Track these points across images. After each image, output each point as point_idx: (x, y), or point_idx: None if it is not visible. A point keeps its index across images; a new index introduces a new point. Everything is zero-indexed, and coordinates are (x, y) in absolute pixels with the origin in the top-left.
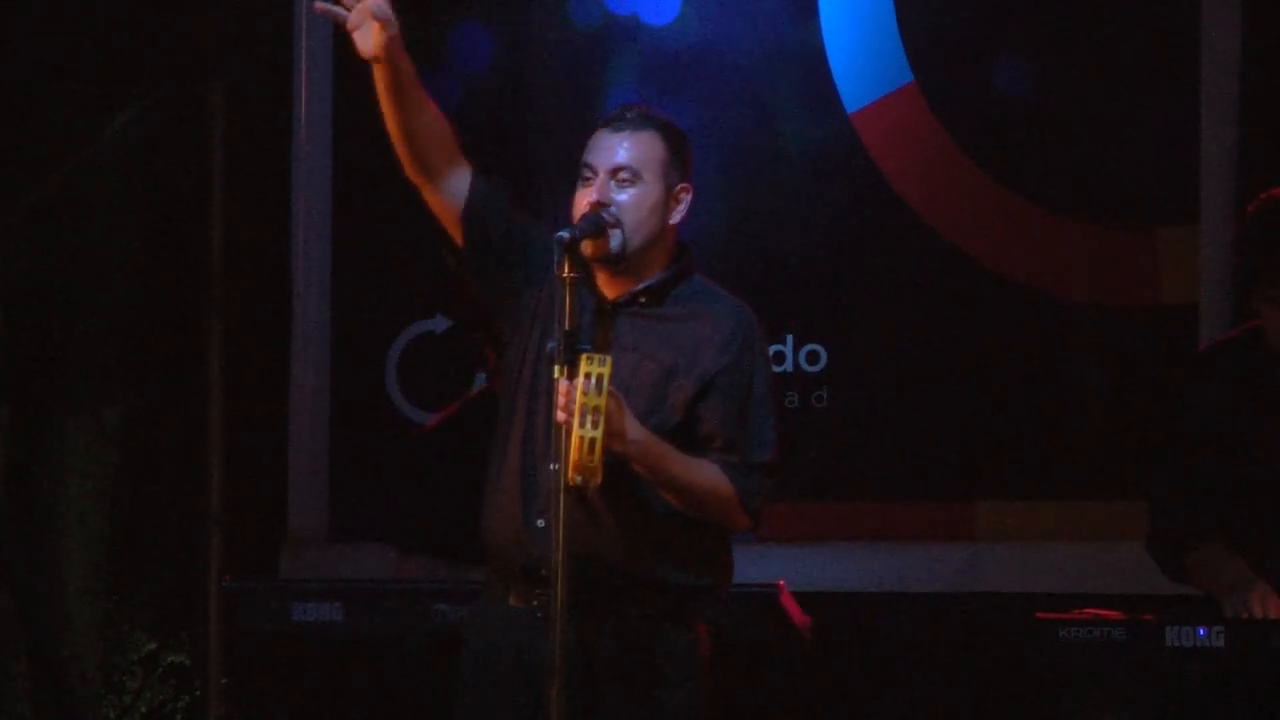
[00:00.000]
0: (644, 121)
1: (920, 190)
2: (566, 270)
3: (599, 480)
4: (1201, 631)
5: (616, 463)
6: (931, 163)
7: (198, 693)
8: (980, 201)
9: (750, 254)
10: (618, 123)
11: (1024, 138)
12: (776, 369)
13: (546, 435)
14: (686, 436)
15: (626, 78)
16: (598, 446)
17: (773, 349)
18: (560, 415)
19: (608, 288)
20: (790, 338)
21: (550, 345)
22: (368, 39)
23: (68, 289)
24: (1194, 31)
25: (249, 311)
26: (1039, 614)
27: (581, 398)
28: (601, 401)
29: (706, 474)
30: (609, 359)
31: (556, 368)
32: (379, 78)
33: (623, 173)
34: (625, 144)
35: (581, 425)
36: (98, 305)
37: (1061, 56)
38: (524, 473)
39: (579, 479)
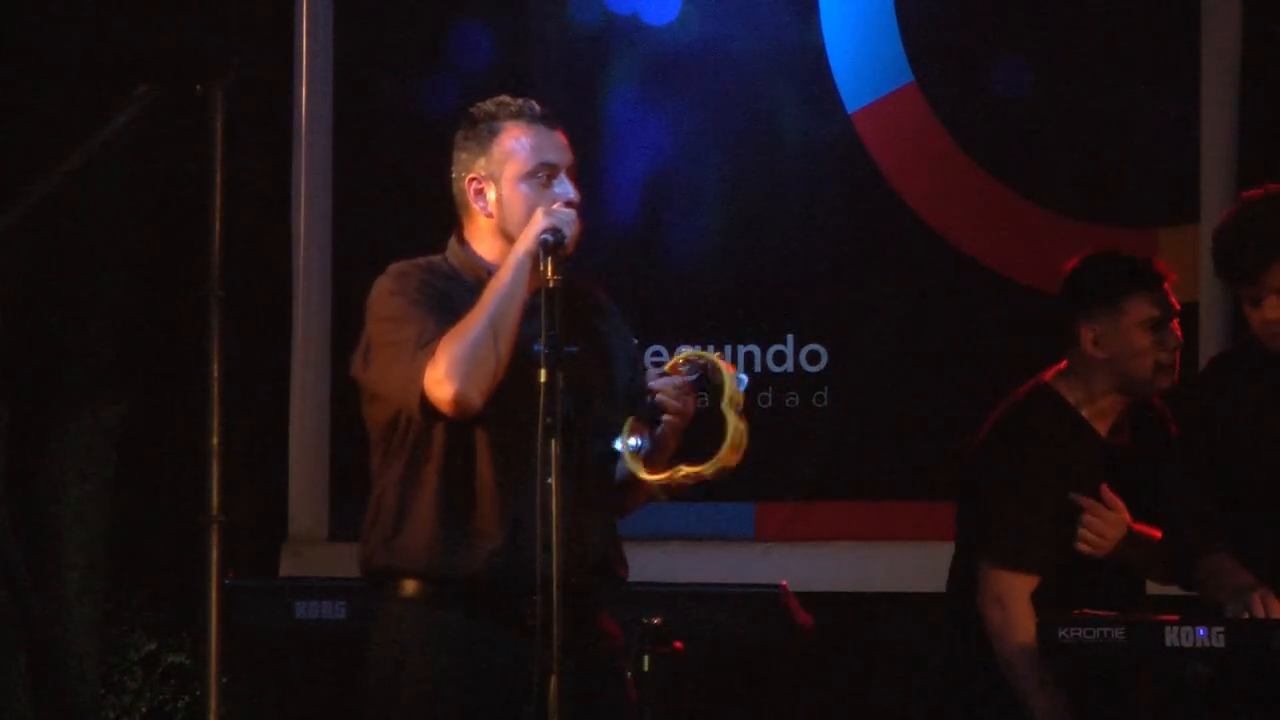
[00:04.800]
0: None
1: (920, 190)
2: (551, 273)
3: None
4: (1201, 631)
5: (586, 463)
6: (931, 163)
7: (198, 693)
8: (980, 201)
9: (750, 254)
10: (550, 119)
11: (1024, 138)
12: (776, 369)
13: (544, 450)
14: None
15: (626, 78)
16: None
17: (773, 349)
18: (674, 404)
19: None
20: (790, 338)
21: (536, 348)
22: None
23: (68, 289)
24: (1194, 31)
25: (249, 311)
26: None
27: (734, 393)
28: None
29: None
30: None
31: (543, 371)
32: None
33: (572, 170)
34: (564, 141)
35: (739, 416)
36: (98, 305)
37: (1061, 56)
38: (506, 494)
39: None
